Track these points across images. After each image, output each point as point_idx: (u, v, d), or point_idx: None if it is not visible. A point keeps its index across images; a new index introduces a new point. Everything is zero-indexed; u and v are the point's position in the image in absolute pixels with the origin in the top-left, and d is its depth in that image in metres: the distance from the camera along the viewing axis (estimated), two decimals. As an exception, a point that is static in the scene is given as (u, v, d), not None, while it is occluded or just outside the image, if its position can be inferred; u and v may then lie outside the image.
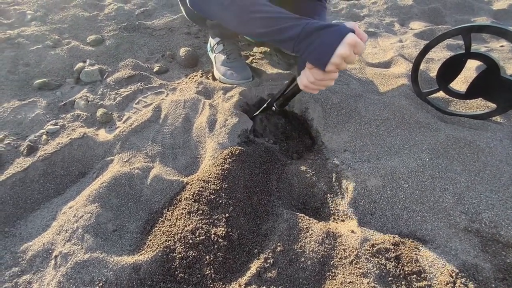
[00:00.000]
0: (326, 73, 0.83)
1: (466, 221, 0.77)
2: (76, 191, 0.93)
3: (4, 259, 0.74)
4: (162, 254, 0.73)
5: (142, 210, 0.85)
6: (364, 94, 1.20)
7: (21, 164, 0.96)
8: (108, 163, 0.99)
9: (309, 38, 0.81)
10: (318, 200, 0.92)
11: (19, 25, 1.65)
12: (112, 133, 1.09)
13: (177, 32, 1.78)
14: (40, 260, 0.74)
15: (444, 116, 1.10)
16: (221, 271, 0.70)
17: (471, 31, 0.95)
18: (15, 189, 0.90)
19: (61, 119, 1.17)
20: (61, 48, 1.53)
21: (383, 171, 0.89)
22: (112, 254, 0.73)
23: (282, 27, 0.84)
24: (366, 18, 2.08)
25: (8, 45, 1.46)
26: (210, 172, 0.89)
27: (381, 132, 1.03)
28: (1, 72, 1.32)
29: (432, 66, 1.41)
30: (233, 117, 1.11)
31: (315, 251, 0.73)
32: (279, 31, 0.85)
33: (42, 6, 1.83)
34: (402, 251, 0.72)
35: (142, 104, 1.24)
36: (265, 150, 1.04)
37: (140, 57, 1.57)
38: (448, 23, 2.01)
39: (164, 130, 1.08)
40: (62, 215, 0.84)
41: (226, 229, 0.76)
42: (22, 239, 0.80)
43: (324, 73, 0.83)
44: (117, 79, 1.36)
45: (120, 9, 1.93)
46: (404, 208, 0.82)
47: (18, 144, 1.04)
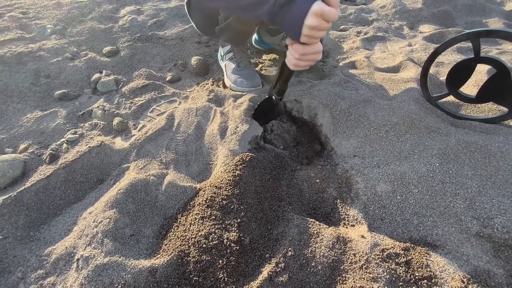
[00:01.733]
0: (306, 46, 0.84)
1: (478, 226, 0.77)
2: (95, 197, 0.97)
3: (30, 262, 0.79)
4: (177, 258, 0.75)
5: (157, 216, 0.88)
6: (373, 99, 1.21)
7: (44, 172, 1.01)
8: (125, 170, 1.03)
9: (282, 10, 0.81)
10: (328, 206, 0.93)
11: (40, 39, 1.74)
12: (128, 141, 1.14)
13: (188, 41, 1.83)
14: (63, 263, 0.78)
15: (454, 120, 1.09)
16: (234, 275, 0.73)
17: (479, 36, 0.95)
18: (39, 195, 0.95)
19: (80, 128, 1.23)
20: (79, 60, 1.60)
21: (392, 176, 0.90)
22: (130, 257, 0.77)
23: (259, 1, 0.85)
24: (374, 23, 2.09)
25: (31, 58, 1.54)
26: (222, 178, 0.92)
27: (391, 137, 1.04)
28: (25, 84, 1.40)
29: (441, 70, 1.41)
30: (243, 124, 1.14)
31: (325, 256, 0.74)
32: (257, 5, 0.85)
33: (61, 20, 1.92)
34: (413, 256, 0.73)
35: (156, 112, 1.28)
36: (275, 156, 1.06)
37: (153, 67, 1.63)
38: (458, 26, 1.99)
39: (177, 138, 1.12)
40: (83, 220, 0.88)
41: (238, 234, 0.78)
42: (46, 243, 0.85)
43: (304, 47, 0.84)
44: (132, 89, 1.42)
45: (133, 20, 2.00)
46: (414, 213, 0.83)
47: (41, 152, 1.10)
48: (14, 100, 1.33)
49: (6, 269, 0.78)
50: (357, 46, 1.76)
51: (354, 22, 2.15)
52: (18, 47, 1.60)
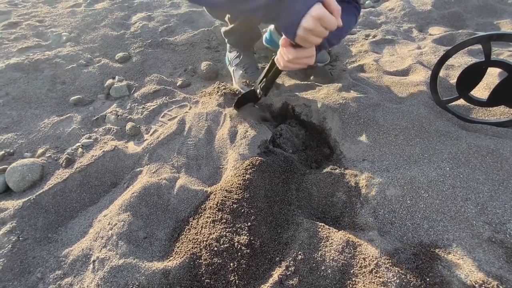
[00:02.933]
0: (299, 50, 0.81)
1: (490, 232, 0.76)
2: (109, 200, 1.00)
3: (49, 263, 0.82)
4: (189, 260, 0.77)
5: (170, 219, 0.91)
6: (382, 103, 1.21)
7: (61, 175, 1.05)
8: (138, 174, 1.06)
9: (281, 5, 0.76)
10: (338, 209, 0.94)
11: (55, 46, 1.80)
12: (140, 145, 1.17)
13: (198, 46, 1.86)
14: (80, 264, 0.81)
15: (465, 124, 1.09)
16: (245, 278, 0.74)
17: (490, 39, 0.94)
18: (56, 198, 0.99)
19: (94, 132, 1.27)
20: (93, 66, 1.65)
21: (402, 180, 0.90)
22: (144, 259, 0.79)
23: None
24: (383, 26, 2.08)
25: (47, 65, 1.60)
26: (232, 182, 0.94)
27: (400, 141, 1.04)
28: (42, 90, 1.45)
29: (452, 73, 1.40)
30: (253, 129, 1.15)
31: (335, 260, 0.75)
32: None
33: (76, 27, 1.98)
34: (423, 261, 0.73)
35: (167, 117, 1.31)
36: (284, 160, 1.08)
37: (164, 72, 1.67)
38: (469, 27, 1.97)
39: (188, 142, 1.15)
40: (98, 223, 0.91)
41: (249, 237, 0.80)
42: (63, 245, 0.88)
43: (297, 50, 0.81)
44: (143, 94, 1.46)
45: (144, 27, 2.05)
46: (424, 218, 0.83)
47: (58, 156, 1.14)
48: (32, 106, 1.38)
49: (26, 270, 0.81)
50: (365, 49, 1.77)
51: (362, 25, 2.15)
52: (35, 55, 1.66)
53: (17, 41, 1.86)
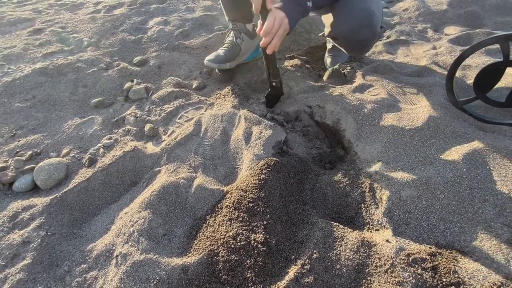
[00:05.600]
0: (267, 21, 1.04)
1: (509, 234, 0.76)
2: (129, 198, 1.04)
3: (75, 257, 0.87)
4: (207, 257, 0.80)
5: (188, 216, 0.94)
6: (396, 104, 1.21)
7: (84, 175, 1.10)
8: (156, 174, 1.10)
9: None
10: (352, 210, 0.94)
11: (77, 51, 1.88)
12: (158, 146, 1.21)
13: (213, 49, 1.90)
14: (104, 258, 0.85)
15: (482, 125, 1.07)
16: (261, 275, 0.76)
17: (509, 39, 0.93)
18: (81, 196, 1.04)
19: (114, 133, 1.32)
20: (112, 70, 1.72)
21: (418, 181, 0.90)
22: (164, 255, 0.82)
23: None
24: (397, 26, 2.07)
25: (70, 70, 1.67)
26: (248, 182, 0.96)
27: (415, 142, 1.04)
28: (65, 93, 1.52)
29: (469, 73, 1.38)
30: (267, 130, 1.17)
31: (350, 259, 0.76)
32: None
33: (96, 32, 2.06)
34: (440, 262, 0.73)
35: (184, 119, 1.35)
36: (298, 160, 1.09)
37: (180, 75, 1.71)
38: (487, 26, 1.93)
39: (204, 143, 1.18)
40: (119, 220, 0.95)
41: (265, 235, 0.82)
42: (87, 240, 0.92)
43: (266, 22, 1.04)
44: (161, 96, 1.50)
45: (161, 31, 2.11)
46: (440, 219, 0.82)
47: (81, 156, 1.19)
48: (56, 108, 1.45)
49: (54, 263, 0.86)
50: (379, 50, 1.76)
51: (376, 26, 2.14)
52: (58, 59, 1.74)
53: (41, 46, 1.96)
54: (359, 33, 1.29)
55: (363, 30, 1.27)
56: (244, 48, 1.63)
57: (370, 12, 1.24)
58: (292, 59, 1.74)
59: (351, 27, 1.28)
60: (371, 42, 1.39)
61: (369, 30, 1.28)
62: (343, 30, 1.32)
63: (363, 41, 1.34)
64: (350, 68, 1.54)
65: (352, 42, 1.37)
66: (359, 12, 1.24)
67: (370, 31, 1.29)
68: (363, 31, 1.28)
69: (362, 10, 1.24)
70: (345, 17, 1.29)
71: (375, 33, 1.32)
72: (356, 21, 1.26)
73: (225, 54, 1.58)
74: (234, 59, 1.61)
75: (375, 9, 1.26)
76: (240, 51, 1.62)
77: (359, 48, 1.44)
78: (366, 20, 1.25)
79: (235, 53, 1.60)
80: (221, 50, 1.62)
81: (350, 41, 1.37)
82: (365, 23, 1.26)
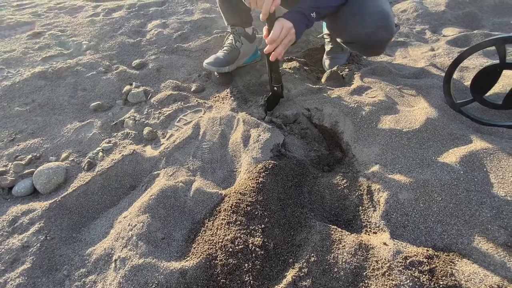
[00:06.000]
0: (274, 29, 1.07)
1: (506, 236, 0.76)
2: (128, 202, 1.05)
3: (74, 261, 0.87)
4: (205, 261, 0.80)
5: (186, 220, 0.94)
6: (394, 106, 1.21)
7: (83, 178, 1.10)
8: (155, 177, 1.10)
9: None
10: (350, 213, 0.95)
11: (76, 55, 1.89)
12: (157, 149, 1.22)
13: (211, 52, 1.91)
14: (103, 263, 0.85)
15: (480, 127, 1.07)
16: (259, 278, 0.76)
17: (505, 42, 0.94)
18: (80, 200, 1.04)
19: (113, 137, 1.33)
20: (111, 73, 1.72)
21: (415, 184, 0.90)
22: (162, 259, 0.83)
23: None
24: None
25: (69, 73, 1.68)
26: (246, 185, 0.97)
27: (413, 145, 1.04)
28: (64, 97, 1.53)
29: (466, 74, 1.38)
30: (265, 132, 1.18)
31: (348, 262, 0.76)
32: None
33: (95, 36, 2.07)
34: (437, 265, 0.73)
35: (183, 122, 1.36)
36: (296, 163, 1.10)
37: (179, 78, 1.72)
38: (485, 27, 1.93)
39: (203, 146, 1.19)
40: (118, 224, 0.95)
41: (263, 239, 0.82)
42: (87, 244, 0.93)
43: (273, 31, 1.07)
44: (160, 99, 1.51)
45: (160, 34, 2.12)
46: (438, 221, 0.83)
47: (80, 160, 1.20)
48: (55, 112, 1.46)
49: (54, 267, 0.86)
50: (377, 52, 1.76)
51: (374, 27, 2.14)
52: (58, 63, 1.75)
53: (41, 50, 1.96)
54: (377, 35, 1.28)
55: (380, 32, 1.27)
56: (243, 52, 1.64)
57: (385, 13, 1.24)
58: (290, 61, 1.75)
59: (367, 31, 1.26)
60: (387, 43, 1.38)
61: (386, 31, 1.27)
62: (360, 34, 1.30)
63: (380, 42, 1.33)
64: (348, 70, 1.54)
65: (369, 45, 1.37)
66: (374, 14, 1.23)
67: (387, 32, 1.28)
68: (381, 33, 1.27)
69: (377, 12, 1.23)
70: (359, 21, 1.27)
71: (392, 33, 1.31)
72: (372, 24, 1.24)
73: (224, 58, 1.59)
74: (233, 62, 1.61)
75: (388, 8, 1.26)
76: (239, 55, 1.62)
77: (375, 50, 1.44)
78: (382, 21, 1.24)
79: (234, 57, 1.61)
80: (220, 53, 1.62)
81: (367, 44, 1.36)
82: (381, 25, 1.25)
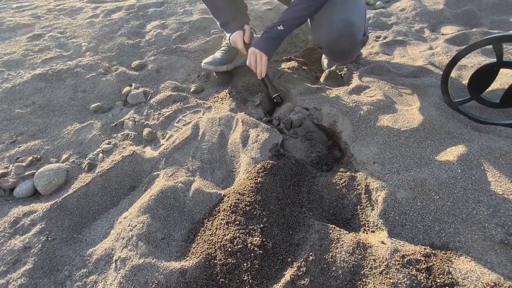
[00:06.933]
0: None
1: (503, 234, 0.76)
2: (128, 203, 1.06)
3: (75, 261, 0.88)
4: (204, 260, 0.81)
5: (186, 220, 0.95)
6: (392, 105, 1.22)
7: (84, 180, 1.11)
8: (155, 178, 1.11)
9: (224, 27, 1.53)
10: (348, 212, 0.95)
11: (76, 56, 1.89)
12: (157, 150, 1.22)
13: (210, 52, 1.91)
14: (103, 263, 0.86)
15: (477, 125, 1.08)
16: (258, 277, 0.77)
17: (501, 41, 0.94)
18: (80, 201, 1.05)
19: (113, 138, 1.34)
20: (111, 74, 1.73)
21: (413, 183, 0.91)
22: (162, 259, 0.83)
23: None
24: (394, 26, 2.08)
25: (69, 75, 1.69)
26: (245, 185, 0.97)
27: (411, 144, 1.04)
28: (64, 99, 1.54)
29: (464, 73, 1.38)
30: (264, 133, 1.18)
31: (346, 261, 0.77)
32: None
33: (94, 37, 2.08)
34: (434, 263, 0.74)
35: (182, 122, 1.37)
36: (295, 163, 1.10)
37: (178, 79, 1.72)
38: (484, 25, 1.93)
39: (202, 147, 1.19)
40: (119, 224, 0.96)
41: (261, 238, 0.83)
42: (87, 245, 0.93)
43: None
44: (159, 100, 1.52)
45: (159, 35, 2.13)
46: (435, 220, 0.83)
47: (80, 162, 1.21)
48: (56, 114, 1.47)
49: (55, 268, 0.87)
50: (376, 51, 1.77)
51: (372, 26, 2.15)
52: (58, 65, 1.76)
53: (41, 52, 1.97)
54: (339, 43, 1.32)
55: (342, 40, 1.30)
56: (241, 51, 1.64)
57: (349, 22, 1.26)
58: (289, 61, 1.75)
59: (330, 38, 1.31)
60: (353, 52, 1.42)
61: (348, 40, 1.31)
62: (324, 40, 1.36)
63: (344, 50, 1.38)
64: (346, 69, 1.55)
65: (333, 52, 1.43)
66: (337, 22, 1.26)
67: (349, 41, 1.32)
68: (343, 41, 1.31)
69: (340, 20, 1.26)
70: (324, 28, 1.31)
71: (355, 43, 1.35)
72: (335, 32, 1.28)
73: (222, 57, 1.59)
74: (231, 61, 1.62)
75: (355, 18, 1.27)
76: (237, 54, 1.63)
77: (341, 57, 1.49)
78: (345, 30, 1.27)
79: (232, 56, 1.62)
80: (218, 53, 1.63)
81: (331, 51, 1.42)
82: (344, 34, 1.28)
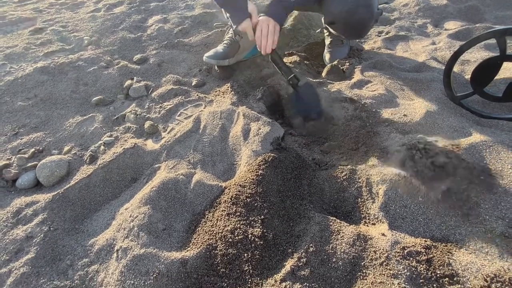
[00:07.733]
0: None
1: (503, 227, 0.76)
2: (130, 194, 1.06)
3: (77, 251, 0.89)
4: (205, 251, 0.82)
5: (187, 212, 0.95)
6: (394, 99, 1.21)
7: (86, 171, 1.12)
8: (156, 170, 1.11)
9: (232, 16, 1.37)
10: (349, 204, 0.95)
11: (78, 50, 1.89)
12: (158, 143, 1.23)
13: (212, 47, 1.90)
14: (105, 253, 0.86)
15: (480, 119, 1.08)
16: (258, 268, 0.77)
17: (505, 34, 0.93)
18: (82, 192, 1.05)
19: (114, 131, 1.34)
20: (113, 68, 1.73)
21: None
22: (163, 249, 0.84)
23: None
24: (396, 22, 2.06)
25: (71, 68, 1.69)
26: (246, 177, 0.98)
27: (412, 138, 1.04)
28: (66, 92, 1.54)
29: (467, 67, 1.38)
30: (265, 126, 1.18)
31: (346, 252, 0.77)
32: None
33: (96, 31, 2.08)
34: (434, 255, 0.74)
35: (184, 116, 1.37)
36: (296, 156, 1.10)
37: (180, 72, 1.72)
38: (487, 21, 1.92)
39: (203, 140, 1.19)
40: (120, 215, 0.97)
41: (262, 229, 0.83)
42: (89, 235, 0.94)
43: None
44: (160, 94, 1.52)
45: (160, 29, 2.12)
46: (436, 213, 0.83)
47: (82, 154, 1.21)
48: (58, 107, 1.47)
49: (57, 257, 0.88)
50: (378, 46, 1.76)
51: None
52: (60, 58, 1.76)
53: (43, 45, 1.98)
54: (357, 13, 1.28)
55: (360, 10, 1.27)
56: (243, 45, 1.64)
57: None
58: (291, 55, 1.74)
59: (348, 7, 1.28)
60: (369, 24, 1.38)
61: (366, 9, 1.28)
62: (341, 11, 1.32)
63: (360, 21, 1.33)
64: (348, 64, 1.54)
65: (349, 24, 1.37)
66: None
67: (367, 10, 1.29)
68: (361, 11, 1.28)
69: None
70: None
71: (372, 13, 1.31)
72: (352, 1, 1.25)
73: (224, 51, 1.59)
74: (233, 55, 1.61)
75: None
76: (239, 48, 1.62)
77: (356, 31, 1.44)
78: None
79: (234, 50, 1.61)
80: (220, 47, 1.62)
81: (347, 23, 1.37)
82: (361, 3, 1.26)
